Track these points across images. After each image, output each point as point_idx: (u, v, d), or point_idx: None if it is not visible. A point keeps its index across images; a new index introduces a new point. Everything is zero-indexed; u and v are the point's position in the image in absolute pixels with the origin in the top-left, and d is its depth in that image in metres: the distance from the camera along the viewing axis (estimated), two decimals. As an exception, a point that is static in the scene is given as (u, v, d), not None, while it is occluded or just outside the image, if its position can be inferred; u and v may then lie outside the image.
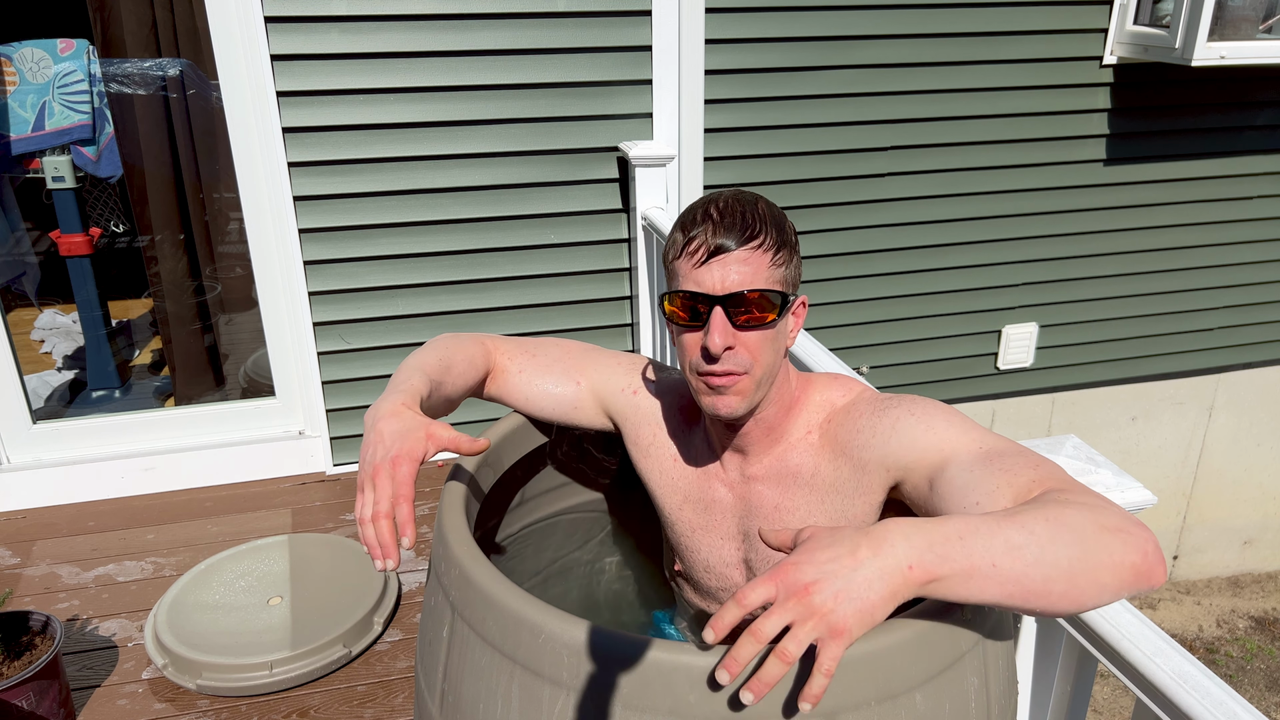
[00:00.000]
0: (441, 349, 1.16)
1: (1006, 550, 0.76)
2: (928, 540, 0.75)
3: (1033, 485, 0.88)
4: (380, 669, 1.96)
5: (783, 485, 1.09)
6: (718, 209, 1.01)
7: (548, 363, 1.25)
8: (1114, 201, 3.26)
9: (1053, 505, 0.80)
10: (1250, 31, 2.89)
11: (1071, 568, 0.77)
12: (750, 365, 1.01)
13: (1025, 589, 0.76)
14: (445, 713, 0.96)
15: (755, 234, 0.99)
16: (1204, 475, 3.89)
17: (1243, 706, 0.92)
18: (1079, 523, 0.78)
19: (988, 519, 0.78)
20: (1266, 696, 3.56)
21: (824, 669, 0.71)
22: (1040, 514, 0.79)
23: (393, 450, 0.94)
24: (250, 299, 2.83)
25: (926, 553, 0.74)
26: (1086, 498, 0.83)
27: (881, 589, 0.73)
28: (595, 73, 2.60)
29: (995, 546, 0.76)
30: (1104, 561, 0.78)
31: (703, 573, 1.20)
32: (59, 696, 1.74)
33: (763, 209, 1.02)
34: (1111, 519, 0.80)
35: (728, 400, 1.02)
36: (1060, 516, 0.78)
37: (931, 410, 1.01)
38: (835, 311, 3.14)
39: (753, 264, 0.99)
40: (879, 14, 2.78)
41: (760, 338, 1.01)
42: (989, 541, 0.76)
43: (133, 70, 2.63)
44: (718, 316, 0.99)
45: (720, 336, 0.98)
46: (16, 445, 2.59)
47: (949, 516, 0.78)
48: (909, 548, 0.74)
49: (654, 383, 1.23)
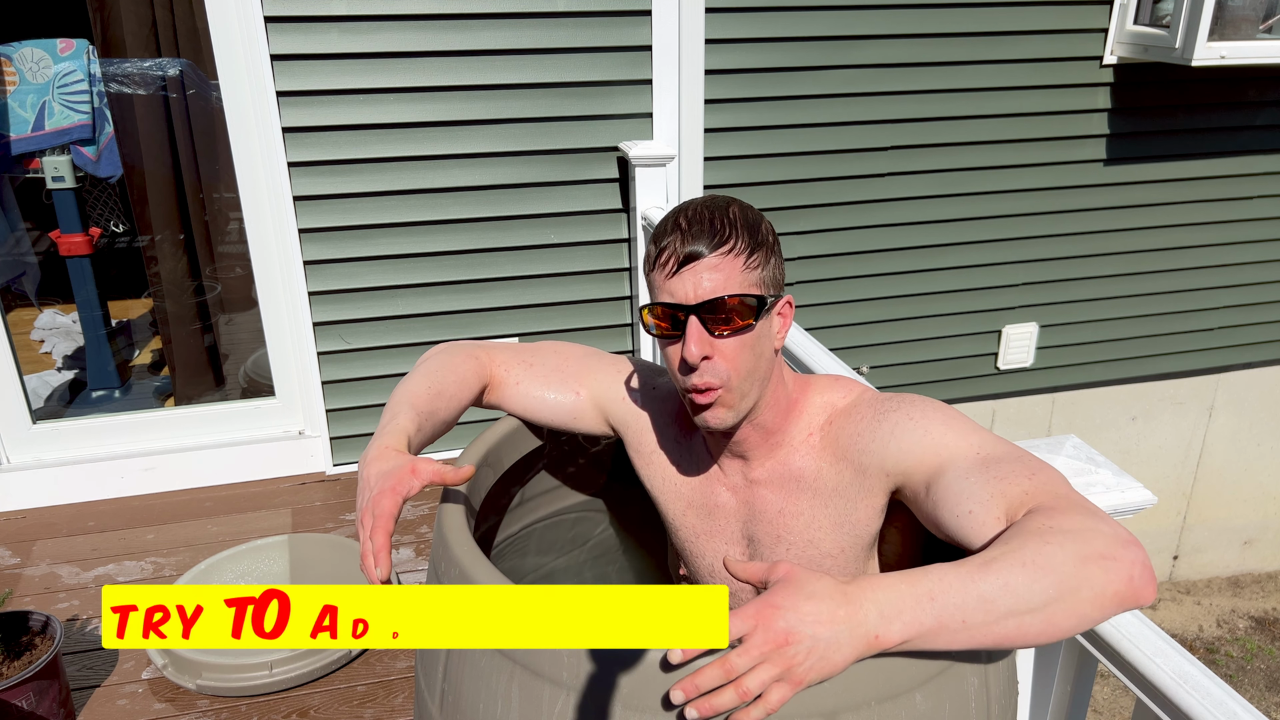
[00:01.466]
0: (432, 374, 1.16)
1: (979, 605, 0.77)
2: (897, 608, 0.77)
3: (1025, 498, 0.87)
4: (380, 669, 1.96)
5: (786, 489, 1.09)
6: (686, 217, 1.00)
7: (545, 372, 1.24)
8: (1114, 201, 3.26)
9: (1033, 542, 0.80)
10: (1250, 31, 2.89)
11: (1048, 608, 0.78)
12: (728, 376, 1.00)
13: (998, 636, 0.78)
14: (445, 713, 0.96)
15: (725, 239, 0.98)
16: (1204, 475, 3.89)
17: (1243, 706, 0.92)
18: (1059, 560, 0.78)
19: (964, 571, 0.79)
20: (1266, 696, 3.56)
21: (770, 704, 0.75)
22: (1018, 556, 0.79)
23: (376, 490, 0.96)
24: (250, 299, 2.83)
25: (894, 621, 0.77)
26: (1073, 519, 0.82)
27: (848, 653, 0.77)
28: (595, 73, 2.60)
29: (968, 603, 0.77)
30: (1084, 596, 0.78)
31: (707, 577, 1.20)
32: (59, 696, 1.74)
33: (734, 213, 1.01)
34: (1096, 545, 0.80)
35: (715, 413, 1.02)
36: (1039, 556, 0.78)
37: (930, 413, 1.01)
38: (835, 311, 3.14)
39: (724, 269, 0.98)
40: (879, 14, 2.78)
41: (738, 344, 1.00)
42: (961, 598, 0.77)
43: (133, 70, 2.63)
44: (693, 326, 0.98)
45: (697, 346, 0.97)
46: (16, 445, 2.59)
47: (927, 571, 0.79)
48: (879, 617, 0.77)
49: (654, 389, 1.23)
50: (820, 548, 1.08)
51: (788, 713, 0.79)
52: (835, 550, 1.07)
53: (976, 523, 0.89)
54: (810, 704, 0.79)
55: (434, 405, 1.13)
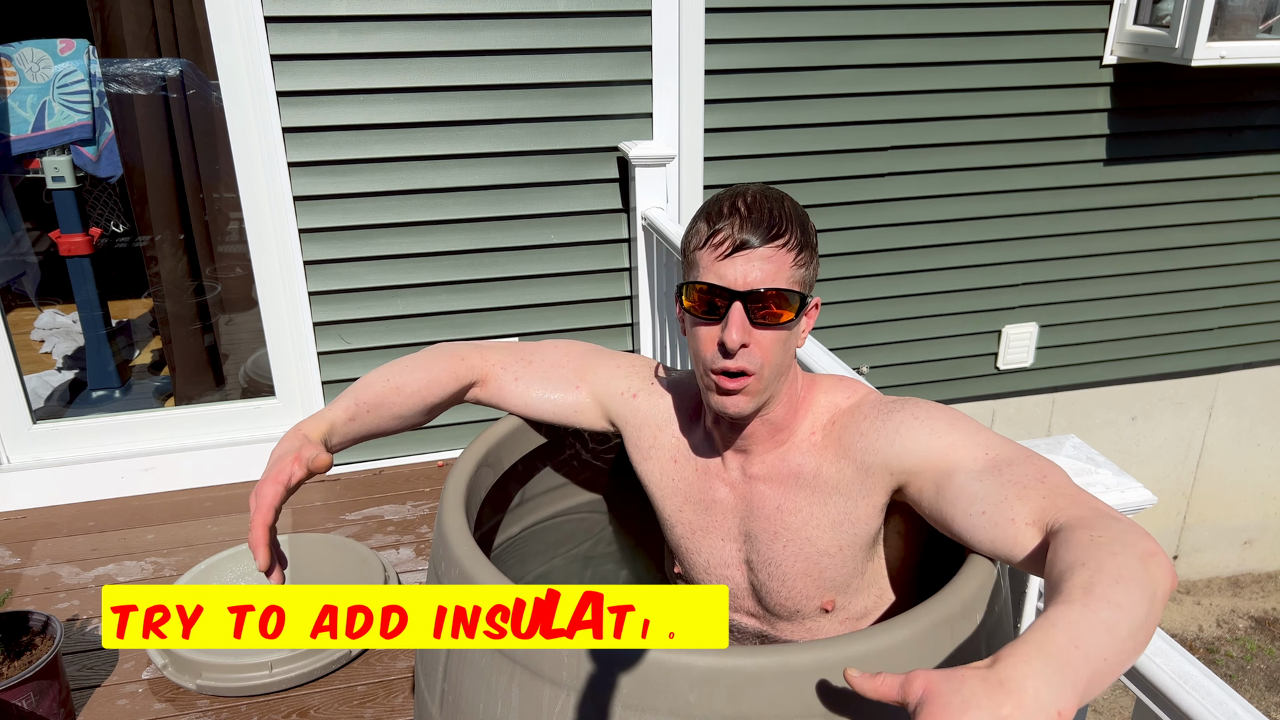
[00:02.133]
0: (397, 369, 1.20)
1: (1108, 635, 0.71)
2: (1060, 673, 0.67)
3: (1044, 502, 0.88)
4: (380, 669, 1.96)
5: (784, 485, 1.09)
6: (745, 203, 1.00)
7: (546, 368, 1.25)
8: (1114, 201, 3.26)
9: (1105, 557, 0.76)
10: (1250, 31, 2.89)
11: (1149, 615, 0.74)
12: (760, 365, 1.01)
13: (1128, 657, 0.73)
14: (445, 713, 0.96)
15: (781, 232, 0.99)
16: (1204, 475, 3.89)
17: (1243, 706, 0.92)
18: (1132, 568, 0.76)
19: (1076, 607, 0.72)
20: (1266, 696, 3.56)
21: None
22: (1106, 574, 0.75)
23: (263, 476, 1.00)
24: (250, 299, 2.83)
25: (1067, 690, 0.66)
26: (1109, 527, 0.81)
27: None
28: (595, 73, 2.60)
29: (1101, 639, 0.71)
30: (1160, 593, 0.76)
31: (703, 574, 1.20)
32: (59, 696, 1.74)
33: (789, 207, 1.02)
34: (1139, 544, 0.78)
35: (737, 400, 1.03)
36: (1120, 570, 0.75)
37: (936, 414, 1.01)
38: (835, 311, 3.14)
39: (776, 262, 0.99)
40: (879, 14, 2.78)
41: (775, 337, 1.01)
42: (1095, 637, 0.70)
43: (133, 70, 2.63)
44: (736, 312, 0.98)
45: (738, 333, 0.98)
46: (16, 445, 2.59)
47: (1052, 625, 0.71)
48: (1051, 692, 0.65)
49: (654, 385, 1.23)
50: (817, 545, 1.08)
51: (788, 712, 0.79)
52: (833, 548, 1.07)
53: (989, 523, 0.90)
54: (811, 704, 0.79)
55: (385, 399, 1.16)
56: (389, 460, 2.82)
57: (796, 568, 1.10)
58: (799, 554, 1.09)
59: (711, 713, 0.79)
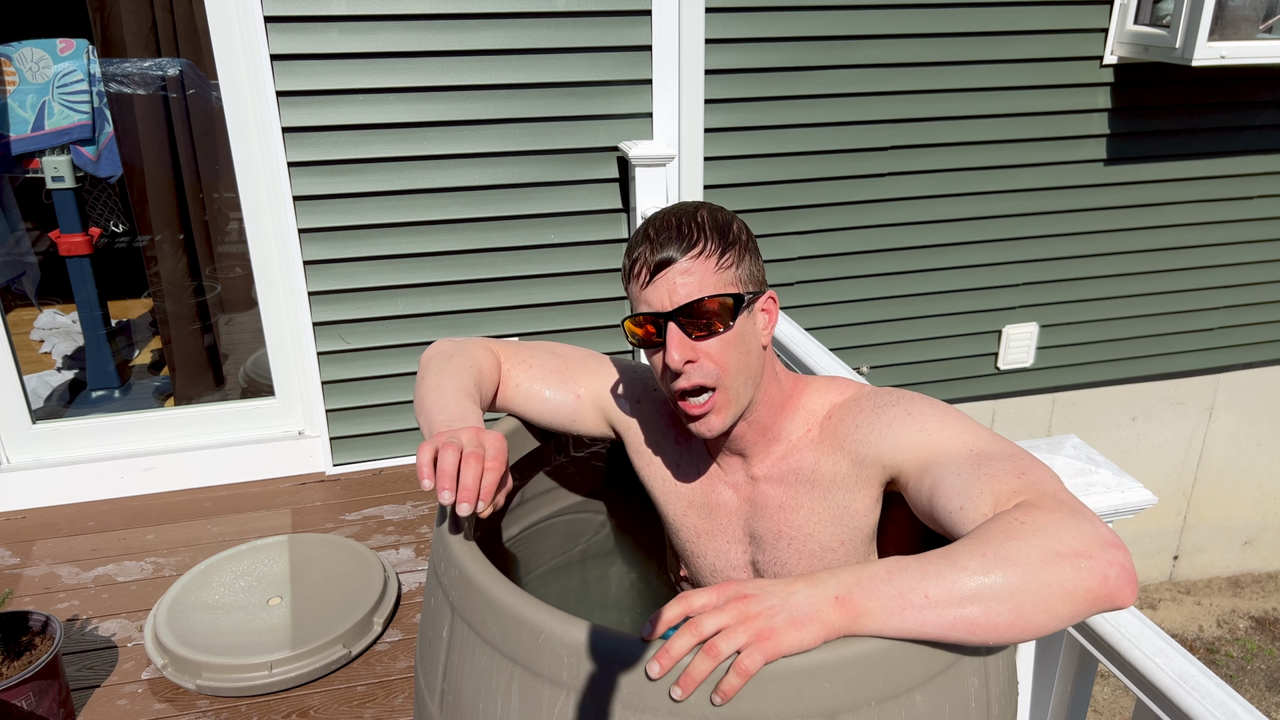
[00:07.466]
0: (465, 363, 1.17)
1: (938, 582, 0.78)
2: (855, 577, 0.80)
3: (1014, 495, 0.88)
4: (380, 669, 1.96)
5: (786, 484, 1.10)
6: (654, 227, 1.02)
7: (545, 373, 1.25)
8: (1114, 201, 3.26)
9: (997, 534, 0.81)
10: (1250, 31, 2.89)
11: (1014, 598, 0.77)
12: (718, 376, 1.01)
13: (969, 620, 0.78)
14: (445, 713, 0.96)
15: (694, 242, 0.99)
16: (1204, 475, 3.89)
17: (1243, 706, 0.92)
18: (1023, 553, 0.79)
19: (922, 557, 0.81)
20: (1266, 696, 3.56)
21: (741, 669, 0.76)
22: (977, 546, 0.80)
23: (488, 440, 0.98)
24: (250, 299, 2.83)
25: (854, 587, 0.79)
26: (1052, 517, 0.82)
27: (809, 610, 0.78)
28: (595, 72, 2.60)
29: (926, 579, 0.78)
30: (1053, 591, 0.78)
31: (709, 577, 1.20)
32: (59, 696, 1.74)
33: (701, 216, 1.02)
34: (1071, 543, 0.79)
35: (708, 421, 1.03)
36: (1001, 549, 0.79)
37: (927, 409, 1.01)
38: (835, 311, 3.14)
39: (696, 273, 0.99)
40: (879, 14, 2.78)
41: (721, 344, 1.01)
42: (919, 575, 0.79)
43: (133, 70, 2.63)
44: (671, 332, 0.99)
45: (678, 351, 0.98)
46: (16, 445, 2.59)
47: (885, 559, 0.82)
48: (837, 583, 0.79)
49: (654, 391, 1.23)
50: (821, 541, 1.08)
51: (788, 712, 0.79)
52: (835, 543, 1.08)
53: (967, 519, 0.90)
54: (810, 704, 0.79)
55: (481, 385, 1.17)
56: (389, 460, 2.82)
57: (801, 566, 1.10)
58: (803, 551, 1.09)
59: (711, 713, 0.79)
